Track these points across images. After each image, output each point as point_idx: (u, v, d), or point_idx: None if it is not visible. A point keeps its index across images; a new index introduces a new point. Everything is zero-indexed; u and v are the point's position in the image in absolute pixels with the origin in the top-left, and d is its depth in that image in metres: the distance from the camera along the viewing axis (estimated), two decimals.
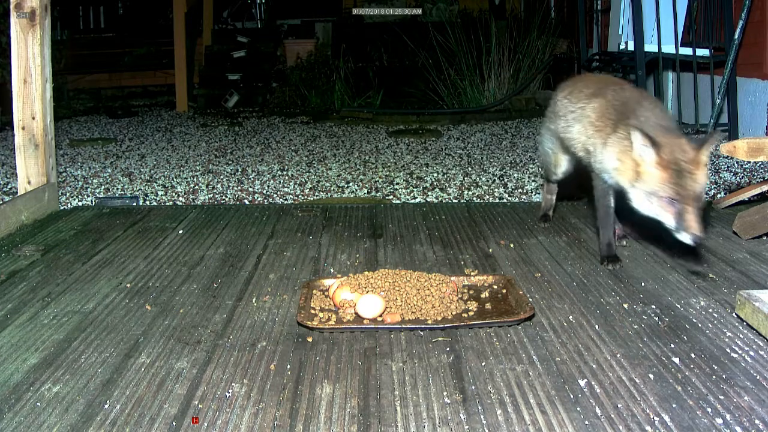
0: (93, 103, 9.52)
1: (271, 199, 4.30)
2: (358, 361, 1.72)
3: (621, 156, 2.20)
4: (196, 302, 2.14)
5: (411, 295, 1.98)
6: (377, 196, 4.31)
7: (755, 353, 1.72)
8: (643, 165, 2.09)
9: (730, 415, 1.44)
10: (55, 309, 2.10)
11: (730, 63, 5.15)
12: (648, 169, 2.07)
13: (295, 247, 2.71)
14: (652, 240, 2.62)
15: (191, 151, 6.03)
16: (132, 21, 11.52)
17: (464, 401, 1.52)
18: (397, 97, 8.78)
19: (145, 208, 3.54)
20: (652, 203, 2.08)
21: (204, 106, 9.41)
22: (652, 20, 5.63)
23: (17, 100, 3.24)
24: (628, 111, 2.27)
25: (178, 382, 1.63)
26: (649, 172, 2.07)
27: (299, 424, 1.44)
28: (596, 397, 1.52)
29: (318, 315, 1.96)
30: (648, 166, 2.07)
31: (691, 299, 2.08)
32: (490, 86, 8.06)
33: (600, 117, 2.37)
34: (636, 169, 2.11)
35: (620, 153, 2.21)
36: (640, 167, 2.10)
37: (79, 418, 1.48)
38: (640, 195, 2.12)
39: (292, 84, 9.29)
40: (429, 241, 2.77)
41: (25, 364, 1.73)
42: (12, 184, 4.57)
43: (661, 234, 2.19)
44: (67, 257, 2.62)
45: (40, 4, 3.20)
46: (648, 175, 2.08)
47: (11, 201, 3.18)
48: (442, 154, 5.67)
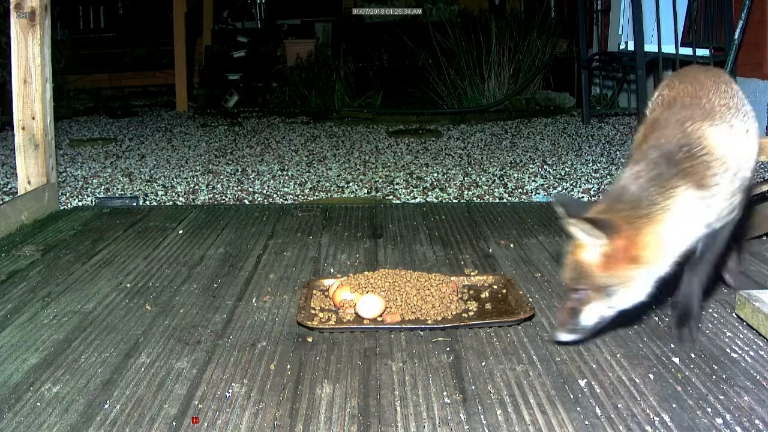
0: (93, 103, 9.51)
1: (271, 199, 4.30)
2: (358, 361, 1.72)
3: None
4: (196, 302, 2.14)
5: (411, 295, 1.98)
6: (377, 196, 4.31)
7: (755, 353, 1.72)
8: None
9: (730, 415, 1.44)
10: (55, 309, 2.10)
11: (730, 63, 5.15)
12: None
13: (295, 247, 2.71)
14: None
15: (191, 151, 6.03)
16: (132, 21, 11.51)
17: (464, 401, 1.52)
18: (397, 97, 8.78)
19: (145, 208, 3.54)
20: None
21: (204, 106, 9.41)
22: (652, 20, 5.63)
23: (17, 100, 3.24)
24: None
25: (178, 382, 1.62)
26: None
27: (299, 424, 1.44)
28: (596, 397, 1.52)
29: (318, 315, 1.96)
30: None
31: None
32: (490, 86, 8.06)
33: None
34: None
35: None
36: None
37: (79, 418, 1.48)
38: None
39: (292, 84, 9.29)
40: (429, 241, 2.77)
41: (25, 364, 1.73)
42: (12, 184, 4.57)
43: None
44: (67, 257, 2.62)
45: (40, 4, 3.20)
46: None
47: (11, 201, 3.18)
48: (442, 154, 5.67)
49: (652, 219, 1.64)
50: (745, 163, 1.77)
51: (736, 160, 1.72)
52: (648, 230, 1.64)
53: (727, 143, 1.73)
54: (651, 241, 1.64)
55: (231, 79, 9.74)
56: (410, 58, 9.06)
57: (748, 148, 1.79)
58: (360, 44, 10.09)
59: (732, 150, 1.72)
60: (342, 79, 8.85)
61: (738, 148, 1.75)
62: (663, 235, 1.65)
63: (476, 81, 8.04)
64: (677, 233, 1.66)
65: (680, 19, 5.50)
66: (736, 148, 1.74)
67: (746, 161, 1.77)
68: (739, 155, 1.74)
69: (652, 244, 1.64)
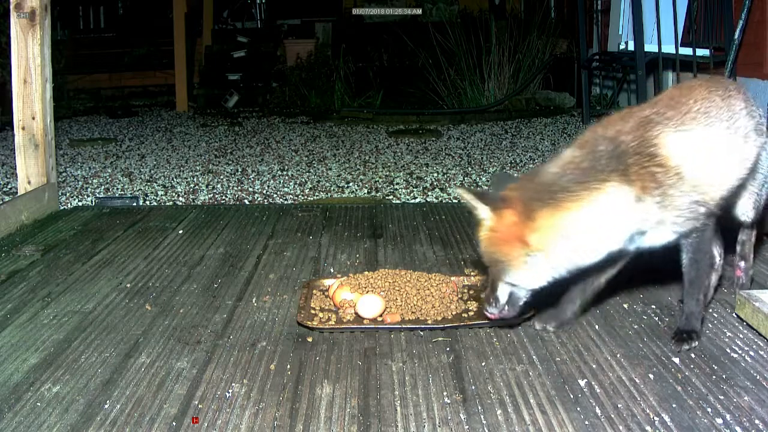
0: (93, 103, 9.51)
1: (271, 199, 4.30)
2: (358, 361, 1.71)
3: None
4: (196, 302, 2.14)
5: (411, 295, 1.98)
6: (377, 196, 4.31)
7: (755, 353, 1.72)
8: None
9: (730, 415, 1.44)
10: (55, 309, 2.10)
11: (730, 63, 5.15)
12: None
13: (295, 247, 2.71)
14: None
15: (191, 151, 6.03)
16: (132, 21, 11.51)
17: (464, 401, 1.52)
18: (397, 97, 8.78)
19: (145, 208, 3.54)
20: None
21: (204, 106, 9.41)
22: (652, 20, 5.62)
23: (17, 100, 3.24)
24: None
25: (178, 382, 1.62)
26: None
27: (299, 424, 1.44)
28: (596, 397, 1.52)
29: (318, 315, 1.96)
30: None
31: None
32: (490, 86, 8.06)
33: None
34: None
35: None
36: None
37: (79, 418, 1.48)
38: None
39: (292, 84, 9.29)
40: (429, 241, 2.77)
41: (25, 364, 1.73)
42: (12, 184, 4.57)
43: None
44: (67, 257, 2.62)
45: (40, 4, 3.20)
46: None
47: (11, 201, 3.18)
48: (442, 154, 5.67)
49: (556, 205, 1.58)
50: (714, 178, 1.68)
51: (696, 172, 1.64)
52: (545, 214, 1.58)
53: (686, 153, 1.64)
54: (545, 226, 1.58)
55: (231, 79, 9.74)
56: (410, 58, 9.06)
57: (724, 163, 1.71)
58: (360, 44, 10.09)
59: (693, 161, 1.64)
60: (342, 79, 8.85)
61: (704, 161, 1.66)
62: (562, 225, 1.58)
63: (476, 81, 8.04)
64: (583, 228, 1.59)
65: (680, 19, 5.50)
66: (699, 160, 1.66)
67: (716, 176, 1.68)
68: (703, 169, 1.65)
69: (546, 230, 1.58)
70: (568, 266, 1.64)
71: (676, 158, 1.62)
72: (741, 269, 2.10)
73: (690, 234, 1.70)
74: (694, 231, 1.70)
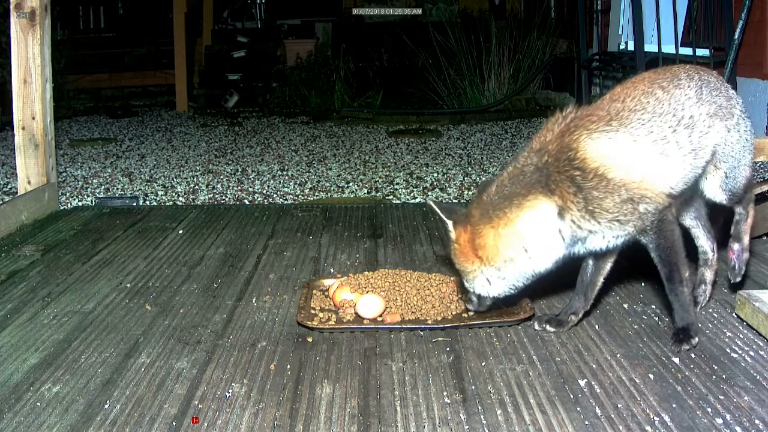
0: (93, 103, 9.51)
1: (271, 199, 4.30)
2: (358, 361, 1.71)
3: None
4: (196, 302, 2.14)
5: (411, 295, 1.98)
6: (377, 196, 4.31)
7: (755, 353, 1.72)
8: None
9: (730, 415, 1.44)
10: (55, 309, 2.10)
11: (730, 63, 5.14)
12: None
13: (295, 247, 2.71)
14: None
15: (191, 151, 6.02)
16: (132, 21, 11.51)
17: (464, 401, 1.52)
18: (397, 97, 8.78)
19: (145, 208, 3.54)
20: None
21: (204, 106, 9.41)
22: (652, 20, 5.63)
23: (17, 100, 3.24)
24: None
25: (178, 382, 1.62)
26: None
27: (299, 424, 1.44)
28: (596, 397, 1.52)
29: (318, 315, 1.96)
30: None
31: None
32: (490, 86, 8.06)
33: None
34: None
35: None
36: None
37: (79, 418, 1.48)
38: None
39: (292, 84, 9.29)
40: (429, 241, 2.77)
41: (25, 364, 1.73)
42: (12, 184, 4.57)
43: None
44: (67, 257, 2.62)
45: (40, 4, 3.20)
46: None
47: (11, 201, 3.18)
48: (442, 154, 5.67)
49: (492, 224, 1.69)
50: (645, 174, 1.64)
51: (619, 172, 1.63)
52: (486, 233, 1.69)
53: (607, 153, 1.63)
54: (488, 244, 1.70)
55: (231, 79, 9.74)
56: (410, 58, 9.06)
57: (660, 158, 1.67)
58: (360, 44, 10.09)
59: (615, 161, 1.63)
60: (342, 79, 8.85)
61: (629, 159, 1.64)
62: (501, 243, 1.68)
63: (476, 81, 8.04)
64: (518, 244, 1.67)
65: (680, 19, 5.50)
66: (623, 158, 1.64)
67: (648, 173, 1.65)
68: (627, 166, 1.63)
69: (489, 248, 1.70)
70: (519, 277, 1.74)
71: (596, 160, 1.63)
72: (734, 252, 1.96)
73: (644, 232, 1.69)
74: (646, 229, 1.68)
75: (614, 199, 1.63)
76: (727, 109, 1.81)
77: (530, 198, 1.65)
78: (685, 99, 1.74)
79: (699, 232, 2.02)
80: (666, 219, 1.69)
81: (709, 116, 1.76)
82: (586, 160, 1.63)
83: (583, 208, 1.63)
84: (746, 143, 1.85)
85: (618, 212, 1.64)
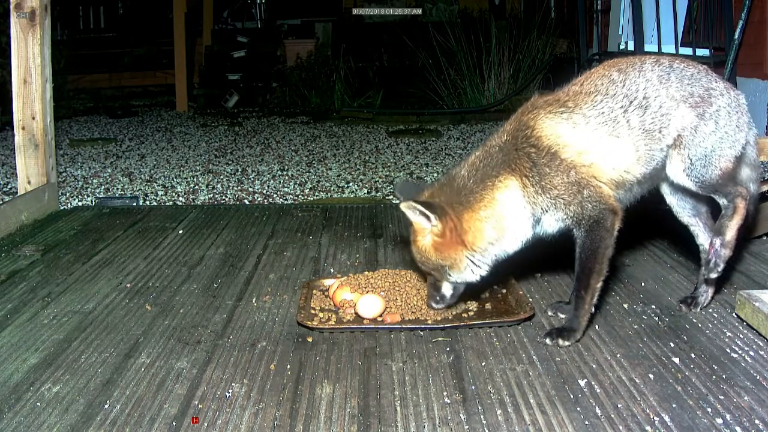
0: (93, 103, 9.51)
1: (271, 199, 4.30)
2: (358, 361, 1.71)
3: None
4: (196, 302, 2.14)
5: (411, 295, 1.98)
6: (377, 196, 4.31)
7: (755, 353, 1.72)
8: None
9: (730, 415, 1.44)
10: (55, 309, 2.10)
11: (730, 63, 5.14)
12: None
13: (295, 247, 2.71)
14: (652, 240, 2.62)
15: (191, 151, 6.02)
16: (132, 21, 11.51)
17: (464, 401, 1.52)
18: (397, 97, 8.78)
19: (145, 208, 3.54)
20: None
21: (204, 106, 9.41)
22: (652, 20, 5.63)
23: (17, 100, 3.24)
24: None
25: (178, 382, 1.62)
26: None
27: (299, 424, 1.44)
28: (596, 397, 1.52)
29: (318, 315, 1.96)
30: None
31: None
32: (490, 86, 8.06)
33: None
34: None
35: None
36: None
37: (79, 418, 1.48)
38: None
39: (292, 84, 9.29)
40: None
41: (25, 364, 1.73)
42: (12, 184, 4.57)
43: (662, 234, 2.18)
44: (67, 257, 2.62)
45: (40, 4, 3.20)
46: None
47: (11, 201, 3.18)
48: (442, 154, 5.67)
49: (470, 207, 1.75)
50: (594, 156, 1.72)
51: (570, 151, 1.72)
52: (467, 217, 1.75)
53: (559, 132, 1.74)
54: (471, 228, 1.75)
55: (231, 79, 9.74)
56: (410, 58, 9.06)
57: (609, 141, 1.74)
58: (360, 44, 10.08)
59: (566, 140, 1.73)
60: (342, 79, 8.85)
61: (579, 140, 1.73)
62: (481, 224, 1.75)
63: (476, 81, 8.04)
64: (495, 224, 1.75)
65: (680, 19, 5.50)
66: (573, 138, 1.73)
67: (597, 155, 1.73)
68: (578, 147, 1.72)
69: (473, 231, 1.75)
70: (494, 258, 1.81)
71: (550, 137, 1.73)
72: (713, 246, 1.82)
73: (579, 224, 1.75)
74: (581, 221, 1.74)
75: (563, 178, 1.72)
76: (703, 97, 1.80)
77: (501, 178, 1.75)
78: (642, 81, 1.79)
79: (698, 230, 2.02)
80: (602, 223, 1.74)
81: (673, 100, 1.78)
82: (540, 138, 1.74)
83: (537, 183, 1.73)
84: (726, 135, 1.81)
85: (564, 191, 1.73)
